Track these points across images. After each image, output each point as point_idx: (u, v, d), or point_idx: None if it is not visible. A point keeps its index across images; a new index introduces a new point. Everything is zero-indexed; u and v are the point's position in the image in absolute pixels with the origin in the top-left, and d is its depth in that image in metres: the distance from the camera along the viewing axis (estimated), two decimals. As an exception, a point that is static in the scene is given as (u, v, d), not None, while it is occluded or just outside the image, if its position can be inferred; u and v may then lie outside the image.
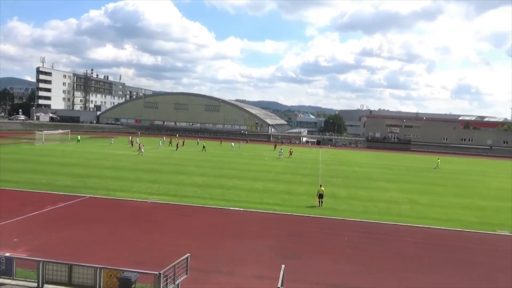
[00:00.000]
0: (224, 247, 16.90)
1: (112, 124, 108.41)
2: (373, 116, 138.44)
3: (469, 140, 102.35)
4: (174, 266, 11.19)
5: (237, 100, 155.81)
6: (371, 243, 18.72)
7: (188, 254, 11.88)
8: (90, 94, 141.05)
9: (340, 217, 23.13)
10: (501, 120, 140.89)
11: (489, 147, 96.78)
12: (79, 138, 64.86)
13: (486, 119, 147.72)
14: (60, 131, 68.00)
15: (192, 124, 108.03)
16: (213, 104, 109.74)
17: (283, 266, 11.27)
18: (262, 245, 17.47)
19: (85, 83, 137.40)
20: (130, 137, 69.79)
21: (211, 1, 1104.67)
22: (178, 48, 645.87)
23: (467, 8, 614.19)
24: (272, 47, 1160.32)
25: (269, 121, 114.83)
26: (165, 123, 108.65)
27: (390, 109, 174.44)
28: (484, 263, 16.71)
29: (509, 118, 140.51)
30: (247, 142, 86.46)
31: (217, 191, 28.63)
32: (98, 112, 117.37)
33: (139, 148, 52.78)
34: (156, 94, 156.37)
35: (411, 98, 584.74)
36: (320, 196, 25.71)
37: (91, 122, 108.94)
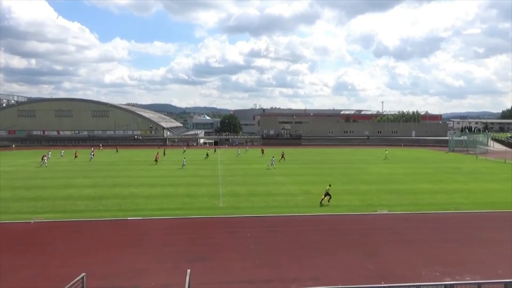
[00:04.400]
0: (124, 261, 15.88)
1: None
2: (266, 115, 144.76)
3: (350, 132, 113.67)
4: (67, 289, 10.11)
5: (128, 104, 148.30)
6: (273, 236, 19.50)
7: (83, 274, 10.85)
8: None
9: (242, 215, 23.59)
10: (374, 113, 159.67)
11: (366, 137, 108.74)
12: None
13: (363, 113, 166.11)
14: None
15: (79, 132, 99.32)
16: (101, 109, 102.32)
17: (188, 270, 11.05)
18: (165, 252, 16.88)
19: None
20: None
21: (91, 0, 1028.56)
22: (55, 49, 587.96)
23: (339, 13, 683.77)
24: (162, 48, 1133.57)
25: (164, 124, 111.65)
26: (46, 132, 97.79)
27: (281, 107, 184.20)
28: (368, 241, 18.67)
29: (380, 110, 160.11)
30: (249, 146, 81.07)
31: (112, 202, 26.82)
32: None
33: (42, 159, 50.10)
34: (32, 101, 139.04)
35: (299, 95, 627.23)
36: (326, 194, 26.49)
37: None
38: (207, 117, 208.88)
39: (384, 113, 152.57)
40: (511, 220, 22.83)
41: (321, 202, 26.65)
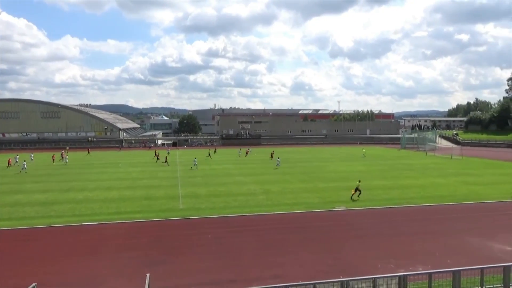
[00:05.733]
0: (79, 268, 15.20)
1: None
2: (225, 115, 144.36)
3: (308, 131, 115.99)
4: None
5: (81, 105, 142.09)
6: (234, 236, 19.48)
7: (34, 284, 10.27)
8: None
9: (202, 216, 23.37)
10: (331, 112, 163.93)
11: (324, 136, 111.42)
12: None
13: (320, 112, 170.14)
14: None
15: (27, 135, 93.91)
16: (51, 110, 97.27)
17: (148, 274, 10.79)
18: (123, 258, 16.36)
19: None
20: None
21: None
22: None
23: (295, 15, 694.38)
24: (116, 47, 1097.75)
25: (119, 125, 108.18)
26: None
27: (241, 107, 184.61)
28: (327, 237, 19.16)
29: (337, 110, 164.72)
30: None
31: (65, 207, 25.62)
32: None
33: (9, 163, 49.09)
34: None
35: (257, 95, 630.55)
36: (356, 190, 27.62)
37: None
38: (165, 118, 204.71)
39: (341, 112, 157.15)
40: (457, 212, 24.34)
41: (351, 198, 27.64)
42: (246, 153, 68.06)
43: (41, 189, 32.65)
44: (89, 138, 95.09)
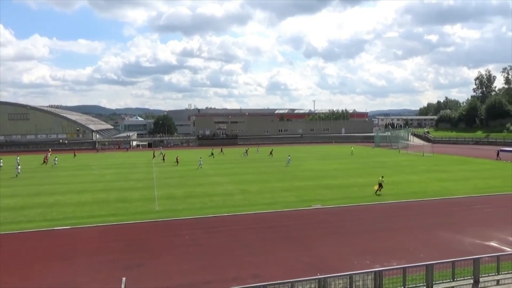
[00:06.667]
0: (51, 275, 14.71)
1: None
2: (201, 115, 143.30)
3: (284, 131, 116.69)
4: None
5: (51, 106, 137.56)
6: (212, 237, 19.35)
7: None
8: None
9: (179, 217, 23.11)
10: (307, 112, 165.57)
11: (300, 135, 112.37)
12: None
13: (296, 111, 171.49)
14: None
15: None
16: (19, 112, 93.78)
17: (123, 279, 10.57)
18: (98, 262, 15.95)
19: None
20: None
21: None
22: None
23: (270, 15, 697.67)
24: (87, 47, 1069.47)
25: (92, 127, 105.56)
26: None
27: (217, 107, 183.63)
28: (304, 236, 19.31)
29: (312, 109, 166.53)
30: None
31: (36, 212, 24.76)
32: None
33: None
34: None
35: (233, 95, 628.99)
36: (380, 185, 28.88)
37: None
38: (140, 118, 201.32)
39: (316, 111, 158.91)
40: (429, 207, 25.06)
41: (376, 193, 28.60)
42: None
43: (8, 193, 31.43)
44: (61, 141, 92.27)
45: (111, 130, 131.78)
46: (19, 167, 44.59)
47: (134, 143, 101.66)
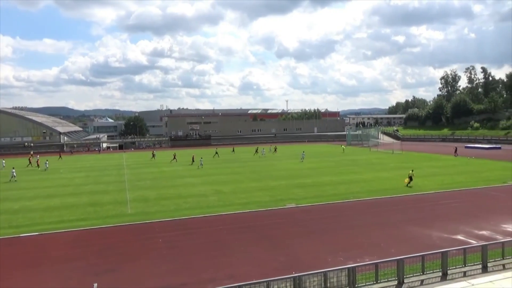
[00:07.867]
0: (18, 284, 14.14)
1: None
2: (173, 116, 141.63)
3: (258, 131, 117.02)
4: None
5: (16, 108, 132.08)
6: (186, 239, 19.16)
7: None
8: None
9: (152, 220, 22.73)
10: (280, 111, 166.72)
11: (273, 135, 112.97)
12: None
13: (269, 111, 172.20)
14: None
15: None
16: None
17: (95, 284, 10.30)
18: (68, 268, 15.46)
19: None
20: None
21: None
22: None
23: (241, 15, 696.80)
24: (53, 46, 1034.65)
25: (60, 129, 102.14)
26: None
27: (189, 108, 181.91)
28: (279, 235, 19.44)
29: (285, 109, 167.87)
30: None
31: (0, 218, 23.70)
32: None
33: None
34: None
35: (206, 96, 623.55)
36: (410, 178, 31.32)
37: None
38: (110, 120, 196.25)
39: (289, 111, 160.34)
40: (399, 204, 25.80)
41: (407, 185, 31.19)
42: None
43: (-29, 200, 29.96)
44: (26, 143, 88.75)
45: (80, 132, 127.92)
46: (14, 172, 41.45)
47: (105, 145, 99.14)
